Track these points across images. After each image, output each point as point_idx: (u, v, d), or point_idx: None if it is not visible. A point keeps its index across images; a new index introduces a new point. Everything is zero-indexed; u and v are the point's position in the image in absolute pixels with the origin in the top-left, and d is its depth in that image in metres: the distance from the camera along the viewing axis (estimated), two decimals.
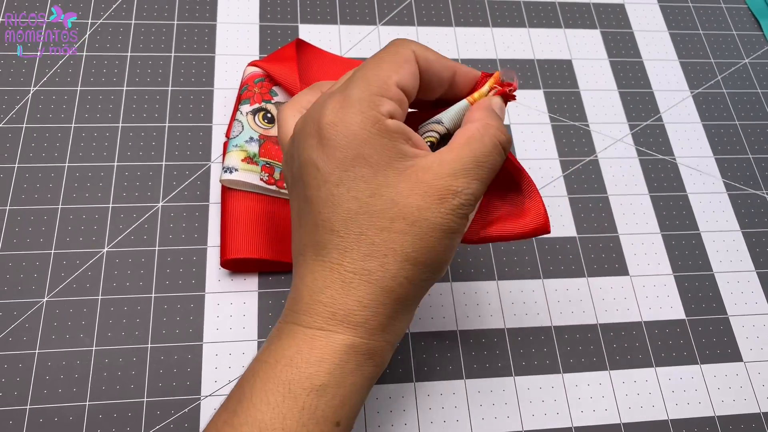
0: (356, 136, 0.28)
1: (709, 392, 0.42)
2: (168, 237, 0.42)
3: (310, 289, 0.29)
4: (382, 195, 0.28)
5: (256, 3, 0.52)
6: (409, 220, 0.28)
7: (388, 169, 0.28)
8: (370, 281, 0.28)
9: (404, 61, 0.30)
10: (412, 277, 0.29)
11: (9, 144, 0.44)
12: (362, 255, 0.28)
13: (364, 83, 0.29)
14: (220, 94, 0.48)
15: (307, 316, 0.29)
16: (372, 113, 0.28)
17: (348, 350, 0.28)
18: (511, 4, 0.55)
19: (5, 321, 0.39)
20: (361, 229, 0.28)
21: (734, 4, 0.59)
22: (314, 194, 0.29)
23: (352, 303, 0.28)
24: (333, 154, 0.28)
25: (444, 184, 0.28)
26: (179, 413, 0.38)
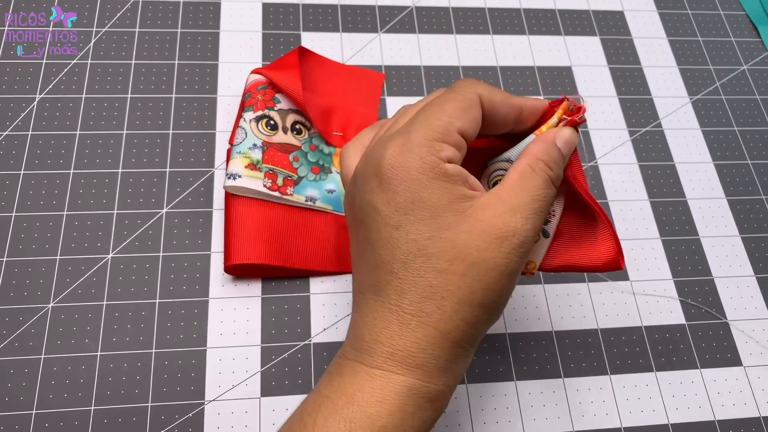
0: (415, 180, 0.28)
1: (709, 396, 0.42)
2: (172, 243, 0.43)
3: (371, 328, 0.29)
4: (441, 237, 0.28)
5: (259, 11, 0.53)
6: (467, 261, 0.28)
7: (447, 211, 0.28)
8: (428, 323, 0.28)
9: (468, 106, 0.30)
10: (470, 320, 0.28)
11: (15, 151, 0.45)
12: (420, 297, 0.28)
13: (426, 127, 0.29)
14: (224, 102, 0.48)
15: (368, 355, 0.29)
16: (431, 159, 0.28)
17: (408, 392, 0.28)
18: (511, 12, 0.56)
19: (11, 326, 0.40)
20: (419, 271, 0.28)
21: (733, 11, 0.59)
22: (374, 236, 0.29)
23: (410, 345, 0.28)
24: (393, 197, 0.29)
25: (502, 221, 0.28)
26: (183, 418, 0.38)
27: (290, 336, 0.41)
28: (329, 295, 0.43)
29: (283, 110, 0.45)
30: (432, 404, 0.29)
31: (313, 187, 0.44)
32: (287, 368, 0.40)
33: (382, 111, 0.50)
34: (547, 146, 0.31)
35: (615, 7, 0.58)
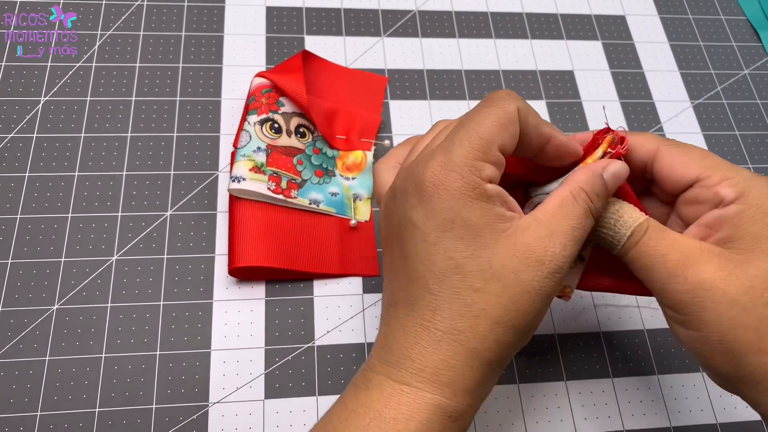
0: (456, 199, 0.28)
1: (711, 399, 0.43)
2: (176, 245, 0.43)
3: (401, 343, 0.29)
4: (479, 257, 0.28)
5: (262, 14, 0.53)
6: (504, 282, 0.28)
7: (486, 231, 0.28)
8: (460, 341, 0.28)
9: (508, 122, 0.29)
10: (502, 341, 0.29)
11: (20, 153, 0.45)
12: (454, 314, 0.28)
13: (467, 145, 0.29)
14: (228, 105, 0.49)
15: (396, 370, 0.29)
16: (472, 178, 0.28)
17: (434, 410, 0.28)
18: (514, 16, 0.56)
19: (16, 328, 0.40)
20: (454, 288, 0.28)
21: (734, 15, 0.59)
22: (411, 252, 0.30)
23: (440, 362, 0.28)
24: (432, 215, 0.29)
25: (542, 246, 0.28)
26: (188, 420, 0.38)
27: (294, 338, 0.41)
28: (333, 298, 0.43)
29: (287, 113, 0.45)
30: (456, 424, 0.29)
31: (317, 190, 0.44)
32: (291, 371, 0.40)
33: (385, 114, 0.50)
34: (592, 177, 0.30)
35: (617, 12, 0.58)
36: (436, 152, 0.30)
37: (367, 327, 0.42)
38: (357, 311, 0.43)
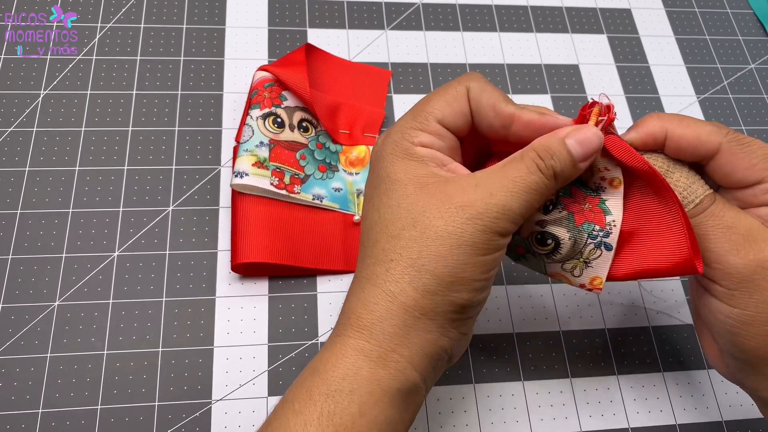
0: (386, 158, 0.31)
1: (717, 397, 0.42)
2: (179, 241, 0.43)
3: (345, 300, 0.31)
4: (400, 206, 0.30)
5: (264, 7, 0.52)
6: (419, 227, 0.29)
7: (410, 185, 0.30)
8: (376, 284, 0.29)
9: (453, 99, 0.31)
10: (419, 285, 0.28)
11: (20, 147, 0.44)
12: (374, 260, 0.30)
13: (408, 117, 0.32)
14: (230, 98, 0.48)
15: (336, 327, 0.31)
16: (403, 142, 0.31)
17: (357, 354, 0.29)
18: (519, 9, 0.56)
19: (17, 325, 0.39)
20: (377, 237, 0.30)
21: (740, 9, 0.59)
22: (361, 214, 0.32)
23: (360, 306, 0.29)
24: (371, 177, 0.32)
25: (461, 193, 0.29)
26: (190, 417, 0.38)
27: (297, 335, 0.41)
28: (336, 294, 0.42)
29: (289, 108, 0.45)
30: (386, 371, 0.28)
31: (320, 186, 0.44)
32: (294, 367, 0.40)
33: (389, 108, 0.49)
34: (548, 139, 0.30)
35: (622, 5, 0.57)
36: (389, 128, 0.33)
37: None
38: None
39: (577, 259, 0.32)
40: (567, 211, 0.32)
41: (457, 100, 0.31)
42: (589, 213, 0.32)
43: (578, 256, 0.32)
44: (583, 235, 0.31)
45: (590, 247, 0.32)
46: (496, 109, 0.31)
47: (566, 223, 0.31)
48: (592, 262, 0.32)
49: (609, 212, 0.32)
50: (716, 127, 0.31)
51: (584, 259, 0.32)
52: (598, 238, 0.31)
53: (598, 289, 0.32)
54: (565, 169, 0.30)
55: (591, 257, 0.32)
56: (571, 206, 0.32)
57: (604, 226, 0.31)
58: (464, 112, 0.31)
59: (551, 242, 0.32)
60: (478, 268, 0.29)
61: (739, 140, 0.31)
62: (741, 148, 0.31)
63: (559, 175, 0.30)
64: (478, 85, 0.31)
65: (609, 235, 0.31)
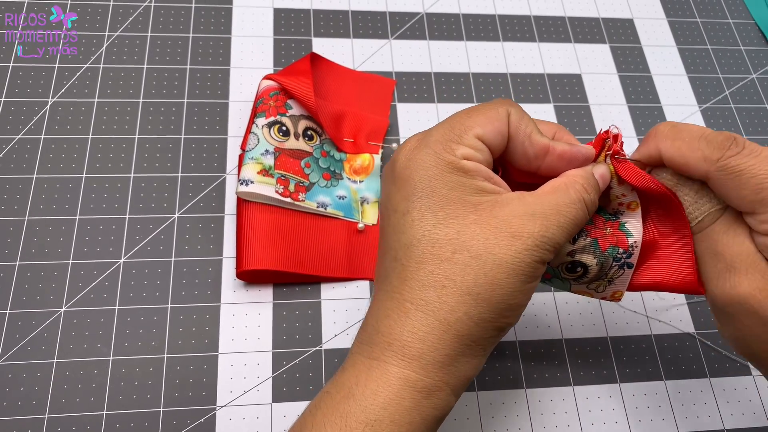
0: (427, 171, 0.29)
1: (719, 405, 0.42)
2: (184, 248, 0.43)
3: (374, 318, 0.29)
4: (448, 225, 0.28)
5: (270, 16, 0.53)
6: (473, 252, 0.28)
7: (459, 202, 0.28)
8: (427, 312, 0.28)
9: (494, 118, 0.30)
10: (473, 314, 0.28)
11: (27, 155, 0.45)
12: (421, 284, 0.28)
13: (446, 128, 0.30)
14: (235, 107, 0.48)
15: (367, 346, 0.29)
16: (445, 154, 0.29)
17: (403, 384, 0.27)
18: (522, 19, 0.56)
19: (24, 330, 0.40)
20: (421, 258, 0.28)
21: (742, 19, 0.59)
22: (385, 225, 0.30)
23: (408, 334, 0.28)
24: (403, 186, 0.29)
25: (519, 222, 0.28)
26: (195, 423, 0.38)
27: (301, 342, 0.41)
28: (340, 301, 0.43)
29: (294, 116, 0.45)
30: (429, 401, 0.28)
31: (325, 194, 0.44)
32: (298, 374, 0.40)
33: (393, 117, 0.50)
34: (585, 172, 0.31)
35: (625, 15, 0.58)
36: (418, 133, 0.31)
37: None
38: (364, 315, 0.42)
39: (603, 279, 0.33)
40: (591, 238, 0.32)
41: (499, 120, 0.30)
42: (612, 237, 0.32)
43: (603, 277, 0.33)
44: (608, 260, 0.32)
45: (615, 268, 0.33)
46: (532, 138, 0.31)
47: (592, 249, 0.32)
48: (615, 280, 0.33)
49: (630, 234, 0.32)
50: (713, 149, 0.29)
51: (608, 278, 0.33)
52: (621, 260, 0.32)
53: (618, 300, 0.34)
54: (597, 202, 0.31)
55: (615, 276, 0.33)
56: (594, 232, 0.33)
57: (627, 248, 0.32)
58: (503, 134, 0.30)
59: (580, 269, 0.33)
60: (526, 294, 0.29)
61: (728, 169, 0.29)
62: (731, 178, 0.29)
63: (594, 208, 0.31)
64: (518, 112, 0.31)
65: (631, 256, 0.32)
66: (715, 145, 0.29)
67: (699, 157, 0.29)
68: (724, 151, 0.29)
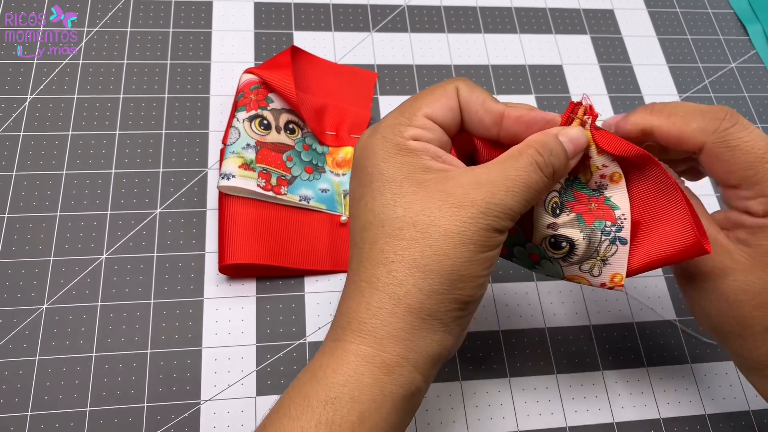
0: (376, 155, 0.30)
1: (700, 391, 0.43)
2: (166, 243, 0.43)
3: (340, 303, 0.30)
4: (396, 204, 0.29)
5: (250, 10, 0.53)
6: (419, 227, 0.28)
7: (405, 181, 0.29)
8: (378, 288, 0.28)
9: (442, 95, 0.31)
10: (422, 286, 0.28)
11: (7, 152, 0.44)
12: (372, 263, 0.29)
13: (396, 113, 0.31)
14: (216, 101, 0.48)
15: (333, 330, 0.30)
16: (393, 137, 0.30)
17: (360, 360, 0.28)
18: (503, 11, 0.56)
19: (5, 328, 0.39)
20: (374, 238, 0.29)
21: (721, 9, 0.60)
22: (348, 214, 0.32)
23: (362, 311, 0.28)
24: (358, 174, 0.31)
25: (463, 192, 0.28)
26: (179, 418, 0.38)
27: (285, 335, 0.41)
28: (323, 294, 0.43)
29: (276, 110, 0.45)
30: (389, 376, 0.28)
31: (307, 187, 0.44)
32: (282, 367, 0.40)
33: (375, 110, 0.50)
34: (544, 135, 0.30)
35: (605, 6, 0.58)
36: (370, 127, 0.32)
37: None
38: None
39: (595, 258, 0.32)
40: (575, 213, 0.32)
41: (446, 97, 0.31)
42: (598, 212, 0.32)
43: (595, 255, 0.32)
44: (596, 233, 0.32)
45: (605, 244, 0.32)
46: (485, 105, 0.31)
47: (577, 224, 0.32)
48: (610, 259, 0.32)
49: (616, 207, 0.32)
50: (709, 120, 0.31)
51: (601, 257, 0.32)
52: (611, 233, 0.32)
53: (620, 286, 0.32)
54: (560, 166, 0.31)
55: (608, 254, 0.32)
56: (577, 208, 0.32)
57: (615, 221, 0.32)
58: (453, 108, 0.31)
59: (566, 245, 0.32)
60: (480, 264, 0.29)
61: (725, 142, 0.30)
62: (724, 151, 0.30)
63: (556, 173, 0.30)
64: (467, 85, 0.31)
65: (621, 229, 0.32)
66: (711, 116, 0.31)
67: (695, 129, 0.31)
68: (720, 122, 0.30)
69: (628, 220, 0.32)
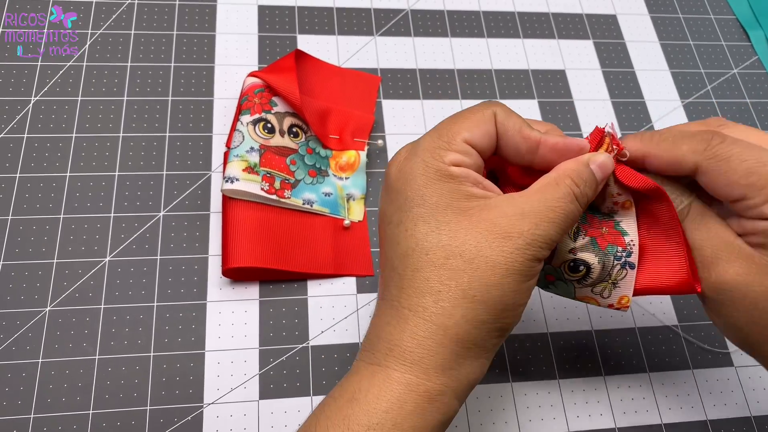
0: (416, 180, 0.30)
1: (702, 397, 0.43)
2: (169, 246, 0.43)
3: (375, 326, 0.30)
4: (440, 232, 0.29)
5: (254, 13, 0.53)
6: (465, 257, 0.28)
7: (449, 209, 0.29)
8: (425, 318, 0.28)
9: (480, 121, 0.31)
10: (470, 316, 0.28)
11: (10, 154, 0.44)
12: (417, 291, 0.29)
13: (434, 136, 0.30)
14: (220, 104, 0.48)
15: (370, 353, 0.30)
16: (434, 162, 0.30)
17: (404, 389, 0.28)
18: (506, 15, 0.56)
19: (8, 330, 0.39)
20: (417, 265, 0.29)
21: (723, 15, 0.60)
22: (382, 236, 0.31)
23: (408, 339, 0.28)
24: (396, 198, 0.30)
25: (509, 223, 0.28)
26: (182, 421, 0.38)
27: (288, 339, 0.41)
28: (327, 298, 0.43)
29: (280, 113, 0.45)
30: (432, 405, 0.28)
31: (310, 190, 0.44)
32: (285, 371, 0.40)
33: (378, 114, 0.50)
34: (578, 164, 0.31)
35: (608, 11, 0.58)
36: (408, 144, 0.32)
37: (361, 327, 0.42)
38: (351, 311, 0.43)
39: (606, 281, 0.33)
40: (589, 237, 0.33)
41: (485, 122, 0.31)
42: (609, 236, 0.33)
43: (607, 278, 0.33)
44: (609, 258, 0.33)
45: (617, 268, 0.33)
46: (522, 133, 0.31)
47: (592, 248, 0.33)
48: (620, 283, 0.33)
49: (626, 233, 0.33)
50: (698, 141, 0.31)
51: (612, 280, 0.33)
52: (622, 258, 0.33)
53: (626, 307, 0.34)
54: (592, 195, 0.31)
55: (618, 278, 0.33)
56: (591, 231, 0.33)
57: (625, 247, 0.33)
58: (491, 134, 0.31)
59: (583, 268, 0.33)
60: (524, 293, 0.29)
61: (717, 157, 0.30)
62: (720, 165, 0.30)
63: (588, 201, 0.31)
64: (504, 111, 0.31)
65: (631, 255, 0.33)
66: (699, 137, 0.31)
67: (686, 151, 0.31)
68: (708, 142, 0.30)
69: (636, 246, 0.33)
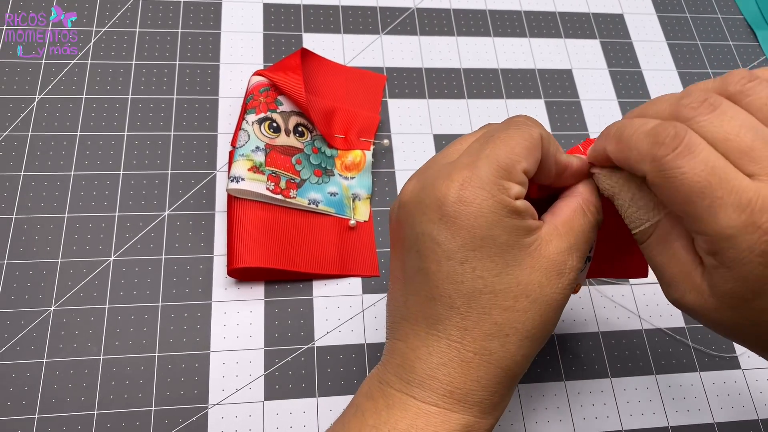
0: (486, 218, 0.27)
1: (708, 399, 0.43)
2: (174, 246, 0.43)
3: (426, 363, 0.29)
4: (509, 274, 0.28)
5: (260, 12, 0.52)
6: (531, 297, 0.29)
7: (516, 247, 0.28)
8: (491, 362, 0.29)
9: (533, 147, 0.29)
10: (529, 355, 0.30)
11: (15, 152, 0.44)
12: (484, 335, 0.28)
13: (494, 164, 0.28)
14: (225, 103, 0.48)
15: (421, 390, 0.29)
16: (502, 197, 0.28)
17: (462, 429, 0.29)
18: (512, 14, 0.56)
19: (13, 330, 0.39)
20: (484, 308, 0.28)
21: (731, 15, 0.60)
22: (433, 268, 0.29)
23: (471, 383, 0.29)
24: (459, 232, 0.28)
25: (562, 259, 0.29)
26: (187, 422, 0.38)
27: (294, 339, 0.41)
28: (332, 299, 0.43)
29: (285, 112, 0.45)
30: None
31: (316, 190, 0.44)
32: (291, 372, 0.40)
33: (384, 113, 0.50)
34: (591, 193, 0.31)
35: (615, 10, 0.58)
36: (458, 167, 0.29)
37: (366, 328, 0.42)
38: (356, 312, 0.42)
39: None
40: None
41: (536, 148, 0.29)
42: None
43: None
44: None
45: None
46: (557, 158, 0.31)
47: None
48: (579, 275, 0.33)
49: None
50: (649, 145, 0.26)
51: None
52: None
53: (576, 291, 0.35)
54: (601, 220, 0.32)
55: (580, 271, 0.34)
56: None
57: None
58: (538, 160, 0.29)
59: None
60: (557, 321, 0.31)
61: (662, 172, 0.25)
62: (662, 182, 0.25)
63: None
64: (547, 134, 0.30)
65: (591, 249, 0.33)
66: (652, 139, 0.26)
67: (636, 156, 0.27)
68: (659, 148, 0.25)
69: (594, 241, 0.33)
